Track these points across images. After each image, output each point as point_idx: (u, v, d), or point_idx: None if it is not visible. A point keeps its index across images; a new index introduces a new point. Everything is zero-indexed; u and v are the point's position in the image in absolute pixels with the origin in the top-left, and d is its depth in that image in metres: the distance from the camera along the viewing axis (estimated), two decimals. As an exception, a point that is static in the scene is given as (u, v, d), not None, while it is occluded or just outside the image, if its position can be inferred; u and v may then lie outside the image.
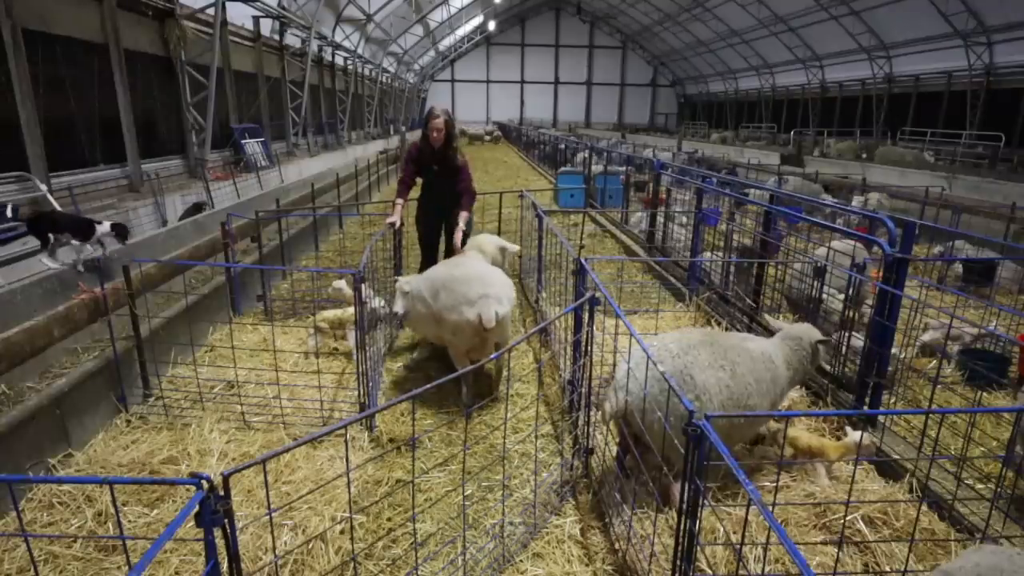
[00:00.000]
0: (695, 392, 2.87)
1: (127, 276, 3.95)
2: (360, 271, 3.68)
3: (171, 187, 10.76)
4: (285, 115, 18.59)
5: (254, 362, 4.72)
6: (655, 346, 3.00)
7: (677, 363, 2.92)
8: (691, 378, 2.89)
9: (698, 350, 2.99)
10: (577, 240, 8.54)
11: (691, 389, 2.87)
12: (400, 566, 2.77)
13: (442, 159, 5.36)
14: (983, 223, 9.71)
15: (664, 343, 3.06)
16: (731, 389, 2.95)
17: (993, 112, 21.37)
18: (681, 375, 2.89)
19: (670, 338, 3.13)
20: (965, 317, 4.77)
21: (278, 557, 2.67)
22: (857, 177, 15.19)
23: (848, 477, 3.21)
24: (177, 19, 11.63)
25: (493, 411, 4.23)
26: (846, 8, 24.96)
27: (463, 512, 2.98)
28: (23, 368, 3.62)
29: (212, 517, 1.51)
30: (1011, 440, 3.12)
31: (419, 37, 35.53)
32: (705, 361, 2.95)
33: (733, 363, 3.01)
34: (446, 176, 5.42)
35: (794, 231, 7.90)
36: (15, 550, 2.72)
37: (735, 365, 3.01)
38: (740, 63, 37.44)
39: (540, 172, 19.62)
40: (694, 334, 3.21)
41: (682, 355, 2.95)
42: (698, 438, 1.93)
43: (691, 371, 2.91)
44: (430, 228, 5.76)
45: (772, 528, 1.50)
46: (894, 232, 3.87)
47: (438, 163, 5.39)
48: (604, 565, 2.76)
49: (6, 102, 7.86)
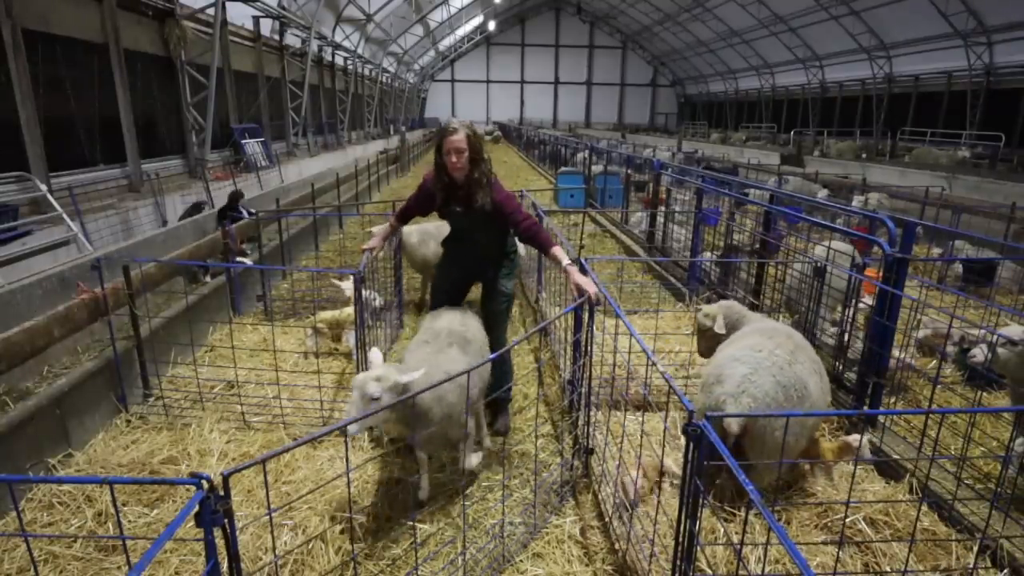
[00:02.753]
0: (810, 401, 2.83)
1: (127, 276, 3.95)
2: (360, 271, 3.68)
3: (171, 187, 10.77)
4: (285, 115, 18.60)
5: (254, 362, 4.72)
6: (761, 354, 2.91)
7: (789, 373, 2.84)
8: (805, 388, 2.83)
9: (797, 355, 2.95)
10: (577, 240, 8.54)
11: (806, 398, 2.82)
12: (400, 566, 2.77)
13: (467, 196, 3.42)
14: (983, 223, 9.71)
15: (770, 351, 2.92)
16: (823, 392, 3.00)
17: (993, 112, 21.37)
18: (795, 384, 2.82)
19: (771, 345, 2.97)
20: (965, 317, 4.76)
21: (278, 557, 2.67)
22: (857, 177, 15.19)
23: (847, 477, 3.22)
24: (177, 19, 11.64)
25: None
26: (846, 8, 24.97)
27: (463, 512, 2.98)
28: (23, 368, 3.62)
29: (212, 517, 1.51)
30: (1011, 440, 3.12)
31: (419, 37, 35.54)
32: (809, 368, 2.95)
33: (817, 363, 3.08)
34: (478, 217, 3.48)
35: (794, 231, 7.90)
36: (15, 550, 2.72)
37: (817, 365, 3.07)
38: (740, 63, 37.45)
39: (540, 172, 19.62)
40: (782, 337, 3.09)
41: (793, 363, 2.89)
42: (698, 438, 1.93)
43: (804, 379, 2.86)
44: (456, 287, 3.86)
45: (772, 528, 1.50)
46: (894, 232, 3.87)
47: (463, 203, 3.47)
48: (604, 565, 2.76)
49: (6, 102, 7.86)
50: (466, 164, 3.32)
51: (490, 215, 3.43)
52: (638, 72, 50.82)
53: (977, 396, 4.01)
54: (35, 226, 7.10)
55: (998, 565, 2.62)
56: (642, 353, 2.61)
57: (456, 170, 3.33)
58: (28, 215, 7.43)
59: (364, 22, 24.56)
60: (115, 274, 4.11)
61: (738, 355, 2.95)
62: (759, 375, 2.80)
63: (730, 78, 40.37)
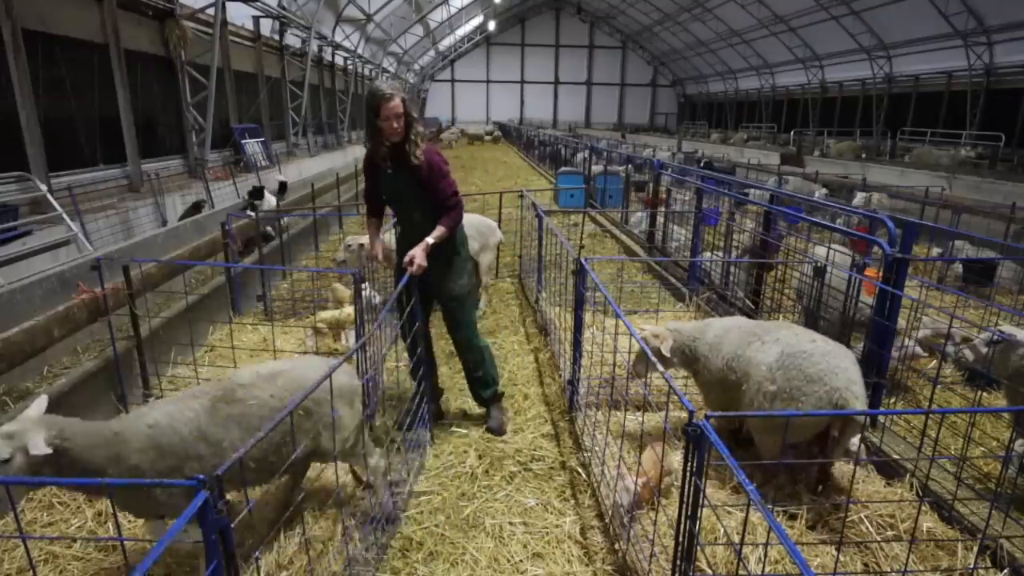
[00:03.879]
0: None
1: (127, 276, 3.95)
2: (360, 271, 3.68)
3: (171, 187, 10.77)
4: (285, 115, 18.60)
5: (254, 362, 4.72)
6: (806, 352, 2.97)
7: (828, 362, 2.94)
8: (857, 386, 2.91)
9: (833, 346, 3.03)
10: (577, 240, 8.54)
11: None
12: (400, 567, 2.77)
13: (403, 155, 3.47)
14: (983, 223, 9.71)
15: (817, 344, 3.02)
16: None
17: (993, 112, 21.37)
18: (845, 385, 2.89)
19: (807, 335, 3.11)
20: (965, 317, 4.76)
21: (258, 555, 2.67)
22: (857, 177, 15.19)
23: (847, 477, 3.22)
24: (177, 19, 11.64)
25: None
26: (846, 8, 24.96)
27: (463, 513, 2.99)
28: (23, 368, 3.62)
29: (213, 519, 1.51)
30: (1011, 440, 3.12)
31: (419, 37, 35.54)
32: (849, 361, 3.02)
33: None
34: (411, 180, 3.52)
35: (794, 231, 7.90)
36: (15, 550, 2.72)
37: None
38: (740, 63, 37.44)
39: (540, 172, 19.62)
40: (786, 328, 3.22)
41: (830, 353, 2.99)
42: (698, 438, 1.93)
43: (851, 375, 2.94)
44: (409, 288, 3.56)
45: (772, 528, 1.50)
46: (894, 232, 3.87)
47: (399, 162, 3.51)
48: (604, 565, 2.76)
49: (6, 102, 7.86)
50: (403, 127, 3.40)
51: (422, 180, 3.50)
52: (638, 72, 50.79)
53: (977, 396, 4.01)
54: (35, 226, 7.10)
55: (998, 565, 2.62)
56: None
57: (393, 134, 3.39)
58: (28, 215, 7.43)
59: (364, 22, 24.56)
60: (115, 274, 4.11)
61: (826, 348, 3.00)
62: (846, 359, 2.96)
63: (730, 78, 40.36)
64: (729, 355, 3.30)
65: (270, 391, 2.56)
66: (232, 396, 2.50)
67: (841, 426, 2.91)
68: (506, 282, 7.43)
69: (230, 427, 2.44)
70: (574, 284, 4.01)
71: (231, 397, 2.49)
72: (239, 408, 2.47)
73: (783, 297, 5.24)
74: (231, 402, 2.48)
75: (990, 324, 4.09)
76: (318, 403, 2.61)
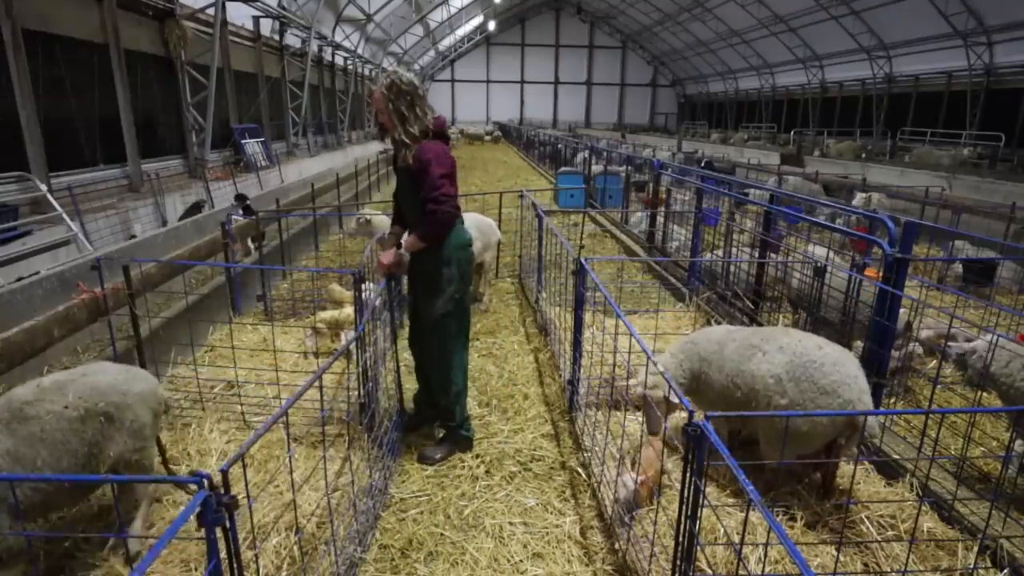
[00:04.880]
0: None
1: (127, 276, 3.95)
2: (360, 271, 3.68)
3: (171, 187, 10.77)
4: (285, 115, 18.60)
5: (254, 362, 4.72)
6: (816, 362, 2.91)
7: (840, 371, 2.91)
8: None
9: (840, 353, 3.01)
10: (577, 240, 8.54)
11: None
12: (400, 566, 2.77)
13: (400, 157, 3.30)
14: (983, 223, 9.71)
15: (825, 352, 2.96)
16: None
17: (993, 112, 21.37)
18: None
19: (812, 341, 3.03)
20: (965, 317, 4.76)
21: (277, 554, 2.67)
22: (857, 177, 15.20)
23: (847, 477, 3.22)
24: (177, 19, 11.64)
25: (493, 411, 4.23)
26: (846, 8, 24.95)
27: (463, 513, 2.99)
28: (23, 368, 3.62)
29: (215, 516, 1.51)
30: (1011, 440, 3.12)
31: (419, 37, 35.55)
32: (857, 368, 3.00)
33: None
34: (404, 176, 3.37)
35: (794, 231, 7.90)
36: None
37: None
38: (740, 63, 37.43)
39: (540, 172, 19.62)
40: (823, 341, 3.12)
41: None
42: (698, 438, 1.93)
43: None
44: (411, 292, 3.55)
45: (772, 528, 1.50)
46: (894, 232, 3.86)
47: (399, 165, 3.36)
48: (604, 565, 2.76)
49: (6, 102, 7.86)
50: (390, 120, 3.16)
51: (413, 180, 3.24)
52: (638, 72, 50.78)
53: (977, 396, 4.01)
54: (35, 226, 7.11)
55: (998, 565, 2.62)
56: (642, 353, 2.60)
57: (388, 125, 3.19)
58: (28, 215, 7.43)
59: (364, 22, 24.57)
60: (115, 274, 4.11)
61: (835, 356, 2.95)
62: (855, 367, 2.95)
63: (730, 78, 40.35)
64: (732, 371, 3.11)
65: (63, 403, 2.44)
66: (22, 415, 2.36)
67: (849, 434, 2.91)
68: (506, 282, 7.43)
69: (35, 445, 2.33)
70: (574, 284, 4.01)
71: (21, 416, 2.35)
72: (37, 425, 2.35)
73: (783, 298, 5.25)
74: (24, 420, 2.34)
75: (990, 324, 4.09)
76: (120, 408, 2.55)
